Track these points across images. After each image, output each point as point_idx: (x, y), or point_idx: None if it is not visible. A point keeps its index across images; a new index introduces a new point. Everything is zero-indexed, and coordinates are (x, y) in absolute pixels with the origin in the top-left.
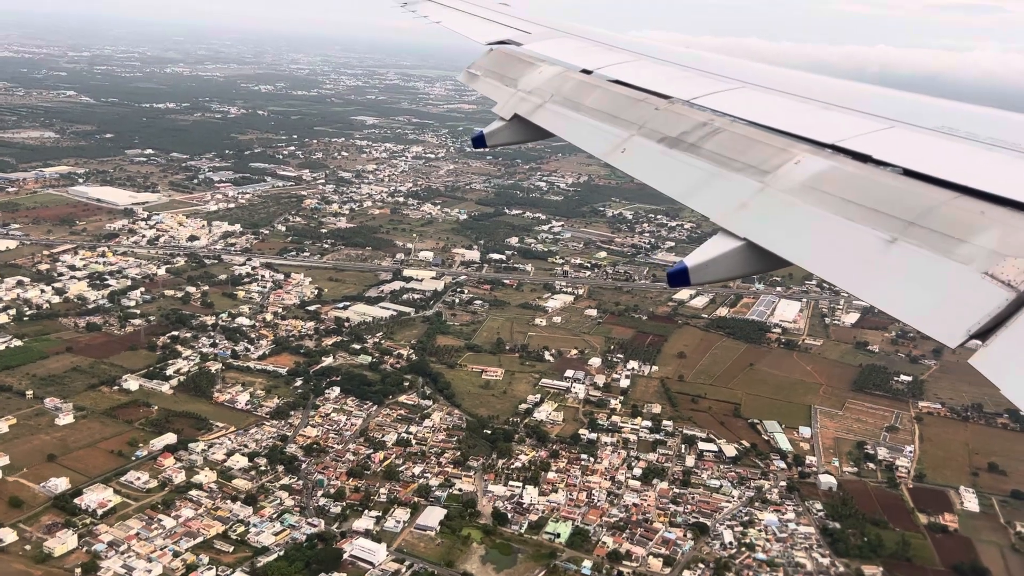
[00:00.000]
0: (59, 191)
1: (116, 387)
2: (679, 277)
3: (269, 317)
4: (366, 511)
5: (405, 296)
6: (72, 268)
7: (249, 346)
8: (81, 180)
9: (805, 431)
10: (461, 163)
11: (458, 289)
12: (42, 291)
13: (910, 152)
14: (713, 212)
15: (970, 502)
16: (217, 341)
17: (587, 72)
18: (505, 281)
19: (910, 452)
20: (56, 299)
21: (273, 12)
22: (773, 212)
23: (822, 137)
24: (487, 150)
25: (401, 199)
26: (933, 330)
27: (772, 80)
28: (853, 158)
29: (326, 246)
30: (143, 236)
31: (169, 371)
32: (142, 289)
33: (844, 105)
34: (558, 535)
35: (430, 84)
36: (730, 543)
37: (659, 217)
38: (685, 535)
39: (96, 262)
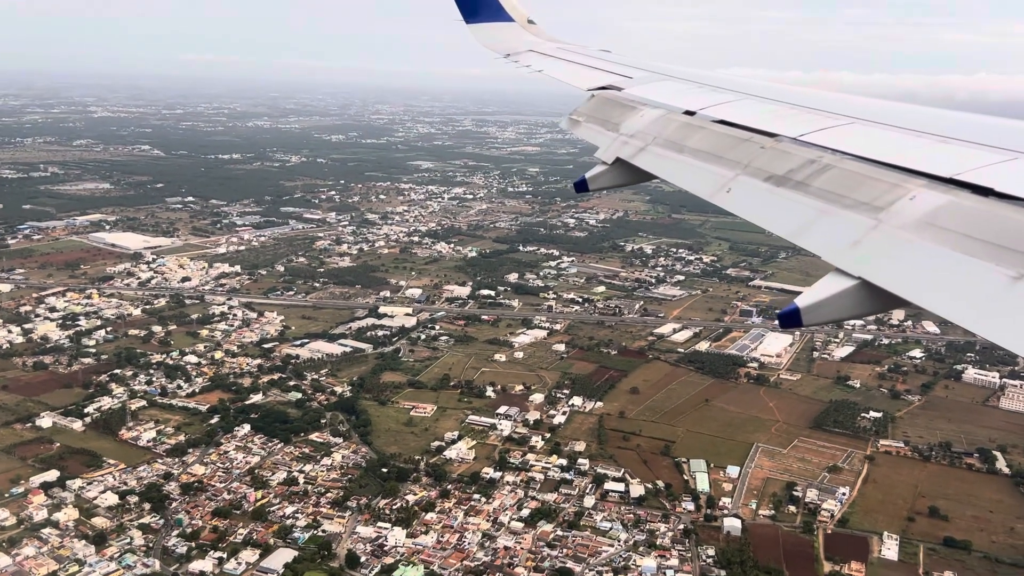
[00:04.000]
0: (81, 237)
1: (30, 424)
2: (791, 318)
3: (219, 355)
4: (212, 552)
5: (371, 333)
6: (52, 310)
7: (183, 383)
8: (108, 227)
9: (734, 471)
10: (496, 202)
11: (429, 325)
12: (9, 331)
13: None
14: (824, 251)
15: (890, 549)
16: (154, 379)
17: (690, 113)
18: (483, 317)
19: (843, 495)
20: (20, 339)
21: (371, 66)
22: (888, 250)
23: (938, 171)
24: (524, 191)
25: (416, 239)
26: None
27: (883, 114)
28: (973, 192)
29: (316, 285)
30: (138, 278)
31: (90, 408)
32: (107, 329)
33: (961, 137)
34: None
35: (502, 128)
36: None
37: (680, 251)
38: None
39: (77, 304)
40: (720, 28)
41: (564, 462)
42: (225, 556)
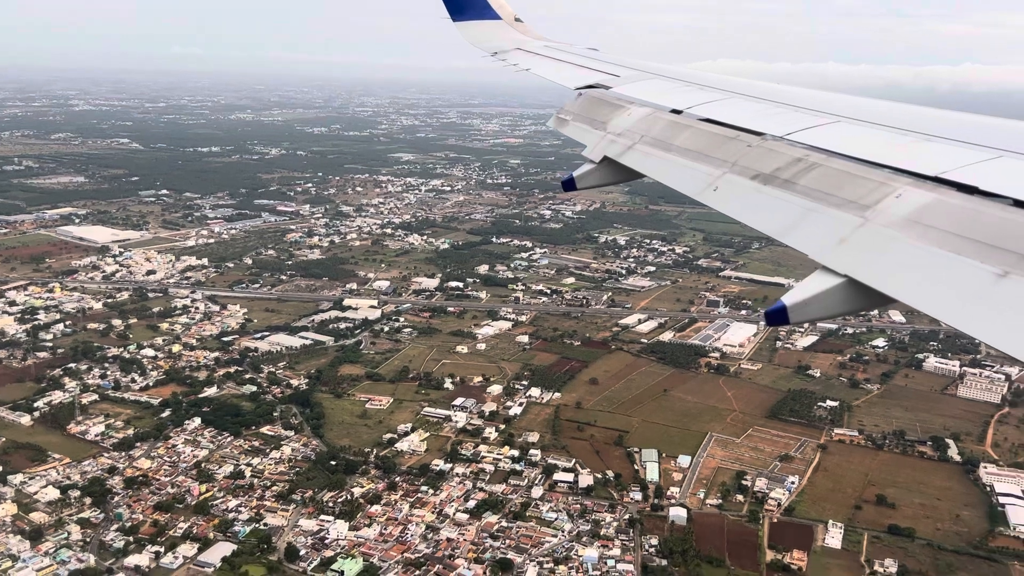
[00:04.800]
0: (49, 231)
1: None
2: (777, 316)
3: (177, 348)
4: (150, 546)
5: (334, 326)
6: (12, 304)
7: (137, 377)
8: (77, 220)
9: (685, 461)
10: (474, 194)
11: (394, 318)
12: None
13: (1020, 182)
14: (811, 249)
15: (834, 538)
16: (108, 373)
17: (677, 112)
18: (449, 309)
19: (792, 484)
20: None
21: (360, 59)
22: (875, 248)
23: (924, 169)
24: (503, 183)
25: (389, 231)
26: None
27: (869, 113)
28: (958, 190)
29: (283, 277)
30: (103, 272)
31: (40, 403)
32: (66, 323)
33: (946, 136)
34: (342, 572)
35: (487, 121)
36: None
37: (653, 242)
38: (486, 573)
39: (38, 298)
40: (710, 20)
41: (516, 453)
42: (163, 550)
